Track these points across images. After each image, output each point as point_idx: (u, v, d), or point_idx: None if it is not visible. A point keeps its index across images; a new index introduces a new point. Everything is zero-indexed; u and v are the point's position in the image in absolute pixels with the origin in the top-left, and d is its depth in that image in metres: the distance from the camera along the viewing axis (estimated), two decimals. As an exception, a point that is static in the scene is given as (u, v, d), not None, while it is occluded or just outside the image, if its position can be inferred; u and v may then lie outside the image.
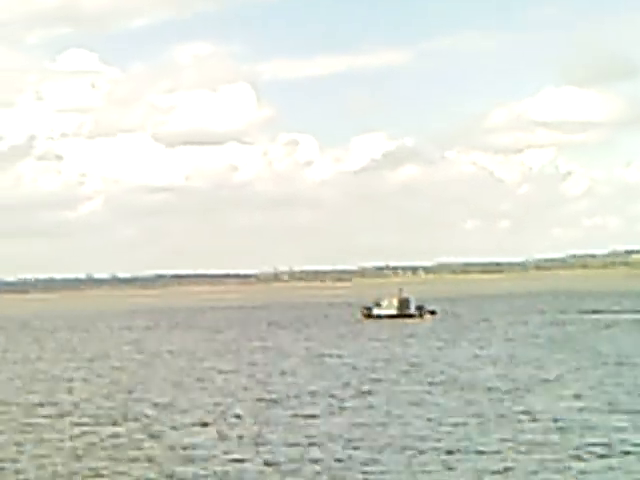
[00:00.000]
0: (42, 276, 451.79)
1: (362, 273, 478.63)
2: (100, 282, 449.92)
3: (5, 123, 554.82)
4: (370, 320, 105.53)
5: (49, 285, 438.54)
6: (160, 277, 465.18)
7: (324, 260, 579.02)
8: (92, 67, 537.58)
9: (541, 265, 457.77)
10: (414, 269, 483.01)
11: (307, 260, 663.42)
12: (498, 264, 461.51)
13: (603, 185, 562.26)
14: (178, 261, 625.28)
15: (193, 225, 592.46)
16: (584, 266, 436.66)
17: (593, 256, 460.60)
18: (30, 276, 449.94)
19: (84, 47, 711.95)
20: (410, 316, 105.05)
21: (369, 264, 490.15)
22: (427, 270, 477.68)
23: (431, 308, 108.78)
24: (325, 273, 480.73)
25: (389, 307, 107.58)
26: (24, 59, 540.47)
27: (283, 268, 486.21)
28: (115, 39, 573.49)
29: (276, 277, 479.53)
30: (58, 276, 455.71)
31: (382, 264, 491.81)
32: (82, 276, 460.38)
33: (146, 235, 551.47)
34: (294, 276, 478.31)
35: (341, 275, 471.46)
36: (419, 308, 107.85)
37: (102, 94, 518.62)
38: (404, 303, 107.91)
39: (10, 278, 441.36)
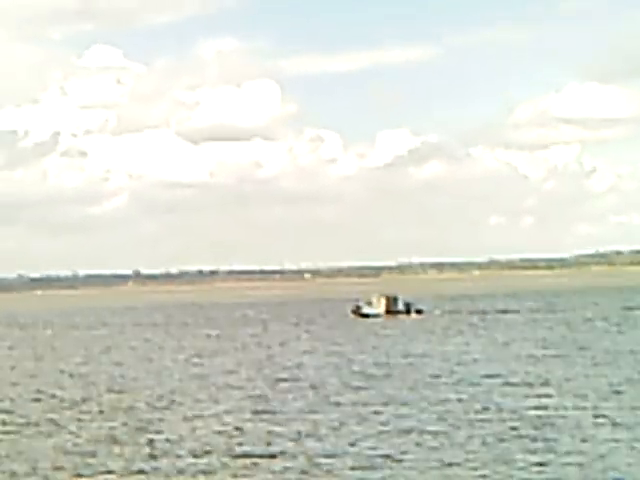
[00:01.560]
0: (66, 272, 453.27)
1: (386, 270, 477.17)
2: (124, 278, 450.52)
3: (30, 119, 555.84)
4: (359, 318, 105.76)
5: (73, 281, 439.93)
6: (184, 273, 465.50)
7: (348, 256, 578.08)
8: (117, 63, 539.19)
9: (566, 262, 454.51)
10: (438, 265, 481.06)
11: (331, 256, 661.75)
12: (522, 261, 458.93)
13: (628, 181, 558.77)
14: (202, 257, 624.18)
15: (217, 221, 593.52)
16: (610, 263, 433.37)
17: (619, 252, 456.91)
18: (54, 272, 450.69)
19: (109, 43, 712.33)
20: (397, 314, 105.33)
21: (393, 261, 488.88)
22: (451, 266, 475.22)
23: (418, 307, 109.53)
24: (349, 269, 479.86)
25: (377, 305, 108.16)
26: (49, 55, 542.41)
27: (307, 264, 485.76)
28: (140, 35, 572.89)
29: (300, 273, 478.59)
30: (82, 272, 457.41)
31: (406, 261, 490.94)
32: (107, 272, 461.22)
33: (170, 231, 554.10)
34: (318, 272, 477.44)
35: (365, 271, 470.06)
36: (407, 306, 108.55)
37: (126, 90, 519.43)
38: (392, 301, 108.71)
39: (34, 274, 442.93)
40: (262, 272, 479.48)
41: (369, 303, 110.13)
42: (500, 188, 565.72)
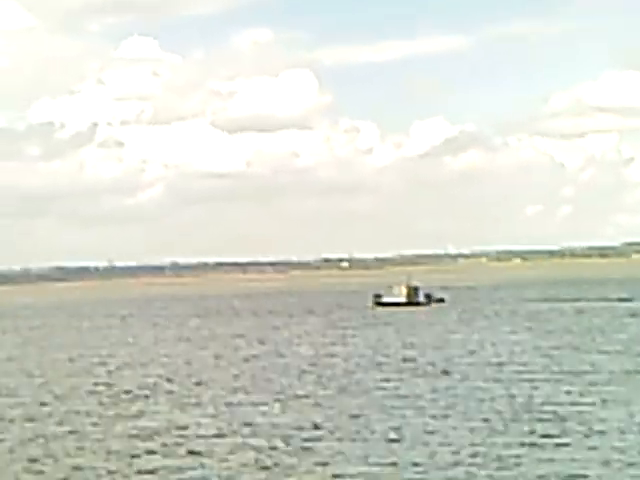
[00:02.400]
0: (102, 263, 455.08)
1: (423, 259, 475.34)
2: (161, 269, 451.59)
3: (67, 110, 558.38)
4: (380, 307, 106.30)
5: (109, 272, 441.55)
6: (221, 264, 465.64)
7: (384, 246, 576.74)
8: (153, 54, 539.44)
9: (605, 251, 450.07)
10: (475, 255, 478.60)
11: (367, 246, 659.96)
12: (560, 250, 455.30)
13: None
14: (239, 247, 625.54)
15: (254, 211, 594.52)
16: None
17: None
18: (91, 263, 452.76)
19: (146, 34, 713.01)
20: (418, 304, 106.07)
21: (430, 251, 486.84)
22: (487, 256, 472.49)
23: (439, 296, 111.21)
24: (385, 259, 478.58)
25: (398, 295, 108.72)
26: (86, 47, 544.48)
27: (343, 254, 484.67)
28: (176, 26, 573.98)
29: (336, 263, 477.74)
30: (120, 263, 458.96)
31: (442, 251, 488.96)
32: (143, 263, 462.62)
33: (206, 221, 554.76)
34: (354, 262, 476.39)
35: (401, 261, 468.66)
36: (427, 296, 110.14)
37: (163, 81, 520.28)
38: (413, 291, 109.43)
39: (71, 265, 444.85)
40: (299, 263, 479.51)
41: (390, 292, 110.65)
42: (537, 177, 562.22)
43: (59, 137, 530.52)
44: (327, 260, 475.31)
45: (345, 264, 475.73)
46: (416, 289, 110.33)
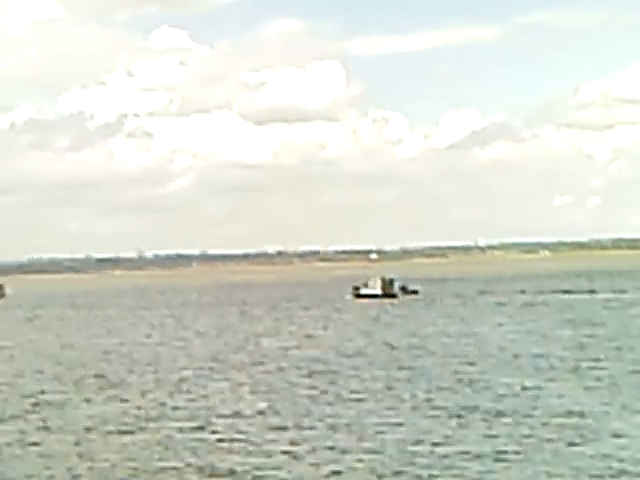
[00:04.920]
0: (131, 253, 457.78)
1: (452, 250, 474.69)
2: (190, 258, 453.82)
3: (97, 101, 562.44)
4: (358, 299, 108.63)
5: (139, 262, 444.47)
6: (249, 254, 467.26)
7: (413, 237, 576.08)
8: (182, 44, 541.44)
9: (634, 243, 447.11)
10: (504, 247, 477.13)
11: (396, 237, 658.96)
12: (589, 241, 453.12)
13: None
14: (267, 238, 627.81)
15: (282, 202, 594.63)
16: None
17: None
18: (120, 254, 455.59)
19: (175, 25, 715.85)
20: (393, 296, 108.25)
21: (459, 242, 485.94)
22: (516, 248, 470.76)
23: (413, 288, 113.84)
24: (414, 250, 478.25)
25: (374, 287, 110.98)
26: (115, 38, 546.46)
27: (372, 245, 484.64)
28: (205, 16, 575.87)
29: (365, 254, 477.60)
30: (149, 253, 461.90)
31: (472, 242, 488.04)
32: (172, 252, 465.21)
33: (235, 212, 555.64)
34: (383, 253, 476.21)
35: (430, 252, 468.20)
36: (402, 288, 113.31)
37: (190, 72, 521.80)
38: (388, 283, 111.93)
39: (100, 255, 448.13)
40: (326, 253, 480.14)
41: (367, 285, 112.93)
42: (566, 168, 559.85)
43: (88, 127, 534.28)
44: (356, 252, 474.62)
45: (374, 256, 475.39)
46: (391, 281, 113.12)
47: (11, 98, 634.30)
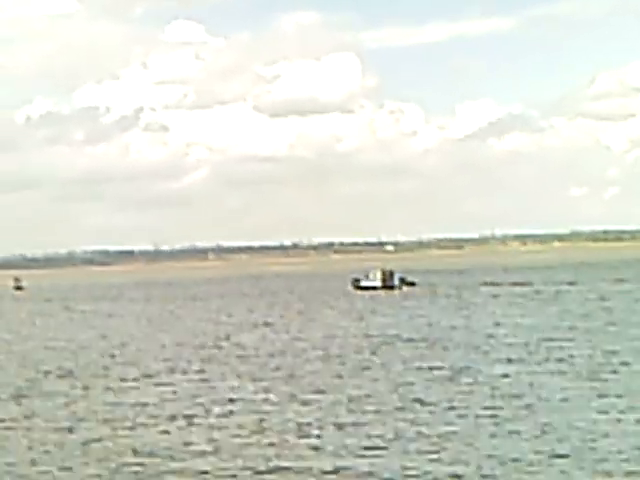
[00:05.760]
0: (147, 246, 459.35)
1: (469, 242, 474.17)
2: (205, 251, 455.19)
3: (112, 95, 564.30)
4: (359, 291, 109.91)
5: (155, 255, 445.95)
6: (265, 247, 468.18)
7: (429, 229, 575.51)
8: (197, 38, 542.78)
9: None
10: (521, 237, 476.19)
11: (412, 229, 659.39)
12: (606, 232, 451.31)
13: None
14: (283, 230, 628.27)
15: (297, 194, 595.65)
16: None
17: None
18: (138, 247, 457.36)
19: (191, 18, 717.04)
20: (392, 287, 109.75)
21: (475, 233, 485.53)
22: (534, 238, 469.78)
23: (412, 280, 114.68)
24: (430, 242, 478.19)
25: (374, 279, 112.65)
26: (131, 31, 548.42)
27: (388, 237, 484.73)
28: (221, 9, 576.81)
29: (381, 246, 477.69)
30: (164, 246, 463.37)
31: (488, 233, 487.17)
32: (188, 246, 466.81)
33: (251, 204, 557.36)
34: (399, 245, 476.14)
35: (446, 244, 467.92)
36: (401, 280, 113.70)
37: (206, 64, 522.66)
38: (388, 275, 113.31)
39: (116, 247, 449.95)
40: (342, 245, 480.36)
41: (367, 277, 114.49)
42: (582, 159, 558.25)
43: (104, 121, 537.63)
44: (372, 244, 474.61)
45: (390, 247, 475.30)
46: (391, 273, 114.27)
47: (27, 92, 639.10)
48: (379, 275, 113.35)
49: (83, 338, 62.52)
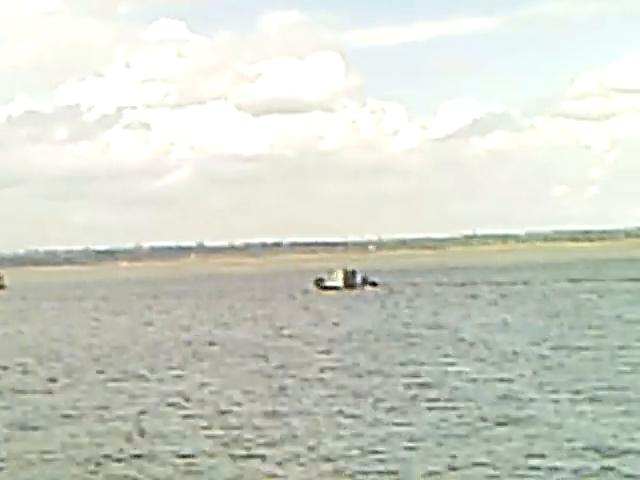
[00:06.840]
0: (129, 245, 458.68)
1: (450, 241, 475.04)
2: (188, 250, 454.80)
3: (94, 93, 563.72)
4: (322, 290, 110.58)
5: (137, 254, 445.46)
6: (248, 245, 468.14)
7: (411, 228, 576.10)
8: (180, 36, 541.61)
9: (633, 233, 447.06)
10: (503, 237, 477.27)
11: (395, 228, 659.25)
12: (587, 232, 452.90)
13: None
14: (265, 229, 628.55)
15: (279, 193, 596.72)
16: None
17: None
18: (118, 245, 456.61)
19: (175, 17, 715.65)
20: (354, 287, 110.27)
21: (457, 232, 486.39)
22: (516, 238, 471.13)
23: (373, 280, 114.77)
24: (412, 241, 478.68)
25: (336, 279, 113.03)
26: (114, 30, 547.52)
27: (370, 236, 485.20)
28: (204, 8, 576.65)
29: (363, 245, 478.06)
30: (146, 244, 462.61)
31: (470, 232, 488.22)
32: (171, 244, 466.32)
33: (233, 203, 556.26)
34: (382, 244, 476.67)
35: (428, 243, 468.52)
36: (364, 279, 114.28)
37: (188, 63, 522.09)
38: (350, 275, 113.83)
39: (99, 247, 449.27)
40: (325, 244, 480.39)
41: (330, 276, 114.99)
42: (563, 159, 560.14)
43: (86, 119, 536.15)
44: (355, 243, 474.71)
45: (372, 247, 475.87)
46: (354, 273, 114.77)
47: (8, 90, 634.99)
48: (341, 275, 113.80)
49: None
